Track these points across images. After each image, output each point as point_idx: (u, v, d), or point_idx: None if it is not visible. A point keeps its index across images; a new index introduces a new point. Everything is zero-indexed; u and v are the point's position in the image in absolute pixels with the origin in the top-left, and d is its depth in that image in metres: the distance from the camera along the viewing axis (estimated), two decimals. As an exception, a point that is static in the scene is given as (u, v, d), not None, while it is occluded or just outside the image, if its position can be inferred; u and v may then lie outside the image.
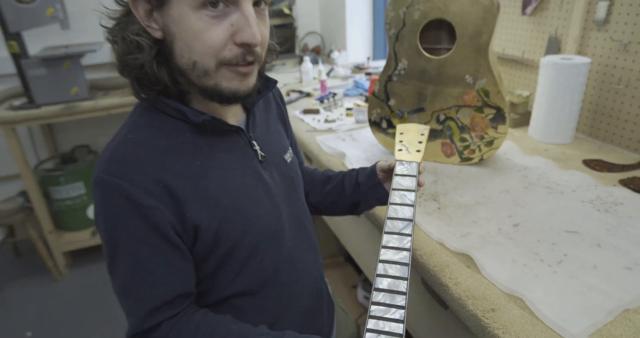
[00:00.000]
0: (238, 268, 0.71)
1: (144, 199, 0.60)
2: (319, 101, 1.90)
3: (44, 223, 2.31)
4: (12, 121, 2.07)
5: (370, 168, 0.88)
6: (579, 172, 1.12)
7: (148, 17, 0.60)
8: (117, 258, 0.63)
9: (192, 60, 0.60)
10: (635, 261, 0.78)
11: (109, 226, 0.62)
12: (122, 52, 0.62)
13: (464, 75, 1.13)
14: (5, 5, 1.90)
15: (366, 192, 0.87)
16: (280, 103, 0.89)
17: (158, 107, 0.66)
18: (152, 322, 0.63)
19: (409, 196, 0.71)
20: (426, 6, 1.11)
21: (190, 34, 0.58)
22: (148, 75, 0.62)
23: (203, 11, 0.57)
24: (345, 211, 0.96)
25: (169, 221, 0.62)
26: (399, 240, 0.64)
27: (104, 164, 0.61)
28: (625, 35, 1.21)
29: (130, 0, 0.59)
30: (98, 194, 0.61)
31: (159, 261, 0.63)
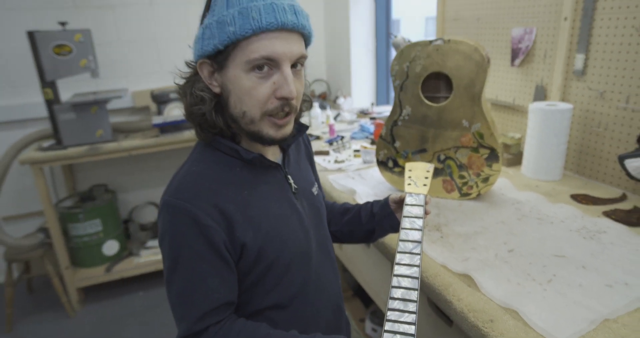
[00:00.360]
0: (273, 283, 0.82)
1: (204, 220, 0.73)
2: (328, 143, 2.06)
3: (62, 259, 2.40)
4: (42, 160, 2.22)
5: (383, 200, 1.02)
6: (567, 205, 1.25)
7: (210, 77, 0.77)
8: (177, 270, 0.74)
9: (242, 110, 0.75)
10: (616, 280, 0.89)
11: (174, 242, 0.74)
12: (190, 103, 0.78)
13: (461, 120, 1.29)
14: (45, 57, 2.10)
15: (381, 221, 1.00)
16: (308, 145, 1.04)
17: (214, 145, 0.81)
18: (201, 326, 0.74)
19: (418, 222, 0.84)
20: (427, 61, 1.28)
21: (242, 91, 0.74)
22: (208, 121, 0.78)
23: (252, 73, 0.73)
24: (361, 239, 1.08)
25: (222, 239, 0.74)
26: (410, 258, 0.76)
27: (173, 191, 0.75)
28: (600, 85, 1.37)
29: (198, 64, 0.76)
30: (166, 215, 0.74)
31: (211, 273, 0.75)
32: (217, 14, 0.72)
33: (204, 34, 0.74)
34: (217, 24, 0.71)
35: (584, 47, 1.40)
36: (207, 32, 0.73)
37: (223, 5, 0.72)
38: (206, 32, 0.73)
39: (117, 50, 2.69)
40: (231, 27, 0.70)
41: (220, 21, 0.71)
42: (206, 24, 0.74)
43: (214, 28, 0.72)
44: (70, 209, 2.48)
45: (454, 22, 2.00)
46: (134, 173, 2.93)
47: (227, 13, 0.71)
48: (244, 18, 0.69)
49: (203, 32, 0.74)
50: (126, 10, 2.65)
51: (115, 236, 2.63)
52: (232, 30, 0.70)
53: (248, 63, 0.72)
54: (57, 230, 2.35)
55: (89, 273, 2.54)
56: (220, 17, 0.71)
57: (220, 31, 0.71)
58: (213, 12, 0.74)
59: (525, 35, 1.61)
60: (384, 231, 1.01)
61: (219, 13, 0.72)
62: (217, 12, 0.73)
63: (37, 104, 2.54)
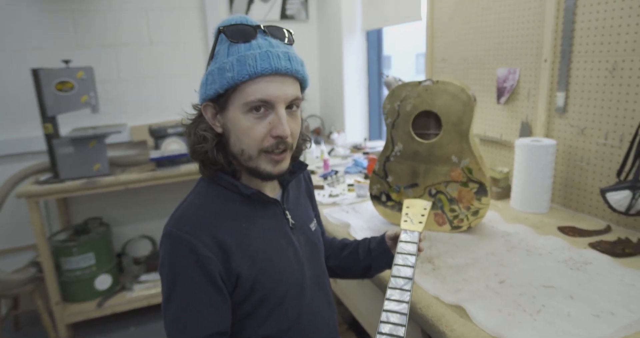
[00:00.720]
0: (267, 314, 0.85)
1: (202, 250, 0.77)
2: (322, 178, 2.10)
3: (52, 294, 2.37)
4: (38, 194, 2.24)
5: (380, 237, 1.05)
6: (554, 237, 1.29)
7: (213, 118, 0.83)
8: (173, 297, 0.78)
9: (241, 148, 0.81)
10: (602, 309, 0.92)
11: (172, 270, 0.78)
12: (193, 142, 0.84)
13: (450, 155, 1.34)
14: (47, 93, 2.17)
15: (377, 257, 1.03)
16: (309, 182, 1.09)
17: (216, 181, 0.86)
18: None
19: (410, 258, 0.87)
20: (417, 100, 1.36)
21: (240, 130, 0.80)
22: (210, 159, 0.83)
23: (249, 114, 0.79)
24: (358, 275, 1.11)
25: (218, 270, 0.78)
26: (400, 294, 0.79)
27: (175, 222, 0.80)
28: (581, 122, 1.45)
29: (202, 106, 0.83)
30: (167, 245, 0.78)
31: (206, 301, 0.78)
32: (219, 61, 0.80)
33: (207, 79, 0.81)
34: (218, 71, 0.79)
35: (564, 86, 1.48)
36: (209, 78, 0.80)
37: (224, 54, 0.79)
38: (209, 78, 0.81)
39: (118, 86, 2.77)
40: (230, 73, 0.77)
41: (221, 68, 0.78)
42: (209, 70, 0.81)
43: (215, 74, 0.79)
44: (63, 242, 2.48)
45: (442, 62, 2.10)
46: (129, 206, 2.94)
47: (227, 60, 0.78)
48: (241, 65, 0.76)
49: (206, 77, 0.81)
50: (127, 49, 2.75)
51: (108, 270, 2.61)
52: (231, 76, 0.77)
53: (245, 105, 0.78)
54: (49, 264, 2.33)
55: (79, 308, 2.50)
56: (221, 64, 0.79)
57: (221, 77, 0.78)
58: (216, 60, 0.81)
59: (510, 75, 1.71)
60: (380, 268, 1.04)
61: (220, 61, 0.79)
62: (218, 60, 0.80)
63: (35, 138, 2.58)
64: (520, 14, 1.62)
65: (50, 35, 2.57)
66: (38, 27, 2.54)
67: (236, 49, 0.78)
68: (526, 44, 1.62)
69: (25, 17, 2.50)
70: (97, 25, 2.66)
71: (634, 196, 1.18)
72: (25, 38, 2.53)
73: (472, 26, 1.87)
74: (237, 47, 0.78)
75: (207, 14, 2.86)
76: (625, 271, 1.07)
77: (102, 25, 2.66)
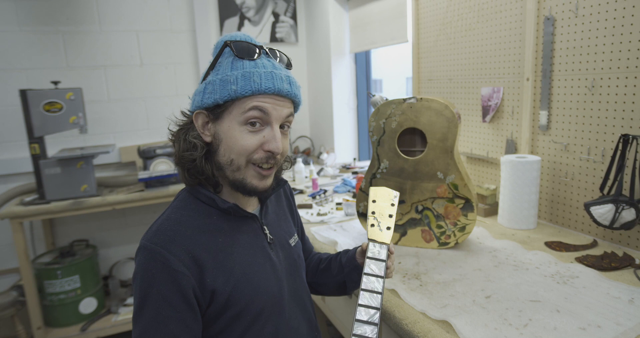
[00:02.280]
0: (243, 331, 0.83)
1: (176, 265, 0.76)
2: (311, 197, 2.10)
3: (34, 318, 2.31)
4: (23, 215, 2.20)
5: (351, 251, 1.04)
6: (541, 252, 1.29)
7: (204, 126, 0.84)
8: (143, 310, 0.76)
9: (230, 158, 0.82)
10: (589, 322, 0.91)
11: (144, 283, 0.76)
12: (182, 149, 0.84)
13: (436, 172, 1.35)
14: (35, 113, 2.16)
15: (349, 273, 1.02)
16: (290, 198, 1.09)
17: (194, 195, 0.86)
18: None
19: (377, 284, 0.79)
20: (401, 118, 1.37)
21: (233, 139, 0.81)
22: (196, 167, 0.83)
23: (244, 126, 0.81)
24: (334, 291, 1.09)
25: (191, 286, 0.77)
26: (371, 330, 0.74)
27: (151, 235, 0.79)
28: (563, 139, 1.47)
29: (194, 114, 0.83)
30: (141, 258, 0.77)
31: (175, 318, 0.76)
32: (222, 73, 0.81)
33: (206, 88, 0.82)
34: (220, 82, 0.80)
35: (546, 104, 1.51)
36: (209, 88, 0.81)
37: (228, 67, 0.81)
38: (208, 88, 0.81)
39: (107, 107, 2.78)
40: (233, 86, 0.79)
41: (224, 80, 0.80)
42: (209, 80, 0.82)
43: (216, 85, 0.80)
44: (48, 265, 2.42)
45: (428, 82, 2.14)
46: (116, 228, 2.91)
47: (231, 74, 0.80)
48: (246, 80, 0.79)
49: (205, 87, 0.82)
50: (117, 70, 2.77)
51: (93, 293, 2.55)
52: (234, 89, 0.79)
53: (243, 117, 0.80)
54: (32, 287, 2.28)
55: (62, 333, 2.43)
56: (224, 76, 0.80)
57: (223, 88, 0.79)
58: (217, 71, 0.82)
59: (494, 93, 1.74)
60: (355, 284, 1.03)
61: (223, 73, 0.81)
62: (221, 72, 0.81)
63: (21, 159, 2.56)
64: (502, 34, 1.67)
65: (41, 57, 2.59)
66: (29, 49, 2.56)
67: (241, 65, 0.81)
68: (509, 64, 1.65)
69: (16, 39, 2.52)
70: (88, 47, 2.68)
71: (617, 209, 1.19)
72: (16, 59, 2.54)
73: (456, 47, 1.91)
74: (242, 63, 0.81)
75: (197, 36, 2.91)
76: (612, 285, 1.07)
77: (92, 46, 2.69)
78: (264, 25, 3.13)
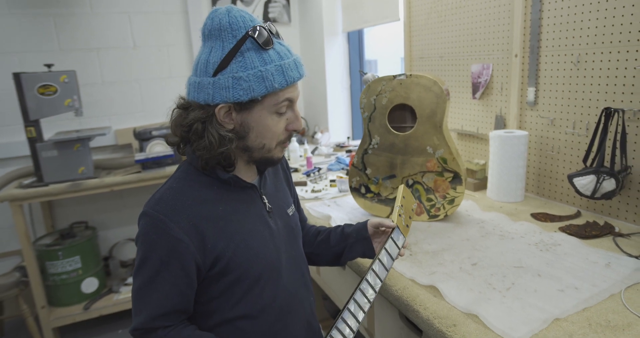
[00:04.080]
0: (242, 294, 0.89)
1: (176, 233, 0.81)
2: (305, 175, 2.14)
3: (38, 298, 2.36)
4: (22, 198, 2.23)
5: (360, 224, 1.07)
6: (527, 222, 1.34)
7: (226, 116, 0.84)
8: (142, 270, 0.83)
9: (262, 143, 0.88)
10: (567, 285, 0.97)
11: (145, 245, 0.82)
12: (211, 145, 0.83)
13: (426, 147, 1.39)
14: (29, 97, 2.17)
15: (353, 244, 1.05)
16: (287, 170, 1.13)
17: (195, 166, 0.89)
18: (151, 325, 0.83)
19: (389, 263, 0.93)
20: (391, 94, 1.40)
21: (265, 127, 0.86)
22: (225, 157, 0.85)
23: (274, 114, 0.86)
24: (329, 262, 1.14)
25: (190, 253, 0.82)
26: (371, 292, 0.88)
27: (153, 203, 0.84)
28: (550, 114, 1.51)
29: (218, 108, 0.82)
30: (144, 223, 0.83)
31: (170, 281, 0.83)
32: (253, 68, 0.81)
33: (238, 84, 0.80)
34: (256, 78, 0.81)
35: (534, 80, 1.55)
36: (243, 84, 0.80)
37: (257, 60, 0.81)
38: (241, 84, 0.80)
39: (101, 90, 2.78)
40: (271, 82, 0.82)
41: (259, 76, 0.81)
42: (240, 76, 0.80)
43: (252, 81, 0.81)
44: (49, 246, 2.47)
45: (420, 60, 2.16)
46: (114, 210, 2.95)
47: (266, 69, 0.81)
48: (280, 74, 0.83)
49: (233, 82, 0.80)
50: (110, 52, 2.77)
51: (94, 273, 2.60)
52: (271, 85, 0.82)
53: (276, 106, 0.85)
54: (34, 267, 2.33)
55: (66, 311, 2.49)
56: (258, 72, 0.81)
57: (260, 84, 0.81)
58: (244, 64, 0.81)
59: (484, 70, 1.77)
60: (353, 256, 1.07)
61: (255, 67, 0.81)
62: (249, 66, 0.81)
63: (17, 143, 2.58)
64: (491, 11, 1.69)
65: (33, 40, 2.58)
66: (20, 32, 2.54)
67: (268, 57, 0.82)
68: (498, 40, 1.68)
69: (7, 22, 2.51)
70: (80, 30, 2.67)
71: (598, 180, 1.24)
72: (8, 42, 2.53)
73: (447, 24, 1.93)
74: (268, 54, 0.82)
75: (190, 17, 2.90)
76: (591, 251, 1.13)
77: (85, 29, 2.68)
78: (256, 5, 3.11)
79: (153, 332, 0.84)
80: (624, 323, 0.84)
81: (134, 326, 0.84)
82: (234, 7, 0.84)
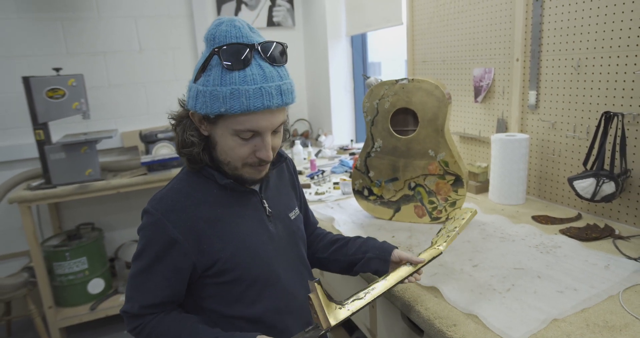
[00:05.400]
0: (239, 294, 0.91)
1: (172, 232, 0.85)
2: (309, 178, 2.16)
3: (45, 298, 2.40)
4: (31, 199, 2.27)
5: (387, 244, 1.05)
6: (528, 225, 1.36)
7: (200, 122, 0.87)
8: (139, 259, 0.89)
9: (227, 160, 0.89)
10: (566, 286, 0.99)
11: (144, 240, 0.88)
12: (180, 145, 0.90)
13: (427, 150, 1.41)
14: (38, 100, 2.21)
15: (371, 260, 1.04)
16: (293, 174, 1.13)
17: (197, 169, 0.92)
18: (141, 312, 0.89)
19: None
20: (394, 98, 1.43)
21: (227, 147, 0.86)
22: (195, 158, 0.90)
23: (236, 137, 0.84)
24: (342, 269, 1.13)
25: (183, 252, 0.86)
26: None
27: (154, 202, 0.88)
28: (551, 117, 1.53)
29: (190, 113, 0.87)
30: (145, 220, 0.88)
31: (163, 275, 0.88)
32: (211, 86, 0.80)
33: (198, 97, 0.82)
34: (210, 96, 0.80)
35: (535, 84, 1.56)
36: (200, 98, 0.81)
37: (217, 79, 0.80)
38: (200, 97, 0.81)
39: (108, 93, 2.82)
40: (222, 104, 0.79)
41: (213, 95, 0.79)
42: (200, 90, 0.81)
43: (207, 98, 0.80)
44: (56, 247, 2.50)
45: (422, 64, 2.19)
46: (120, 211, 2.98)
47: (220, 90, 0.79)
48: (235, 99, 0.78)
49: (197, 94, 0.82)
50: (117, 56, 2.81)
51: (101, 274, 2.64)
52: (223, 108, 0.80)
53: (234, 131, 0.83)
54: (42, 268, 2.36)
55: (72, 312, 2.53)
56: (213, 90, 0.79)
57: (212, 104, 0.80)
58: (207, 80, 0.81)
59: (485, 74, 1.79)
60: (366, 269, 1.05)
61: (213, 86, 0.80)
62: (210, 84, 0.80)
63: (25, 145, 2.62)
64: (492, 16, 1.71)
65: (41, 44, 2.62)
66: (29, 36, 2.59)
67: (229, 79, 0.79)
68: (499, 45, 1.70)
69: (16, 26, 2.56)
70: (87, 34, 2.71)
71: (598, 183, 1.25)
72: (16, 46, 2.58)
73: (449, 29, 1.95)
74: (230, 76, 0.79)
75: (195, 21, 2.93)
76: (590, 253, 1.14)
77: (91, 33, 2.72)
78: (260, 9, 3.14)
79: (142, 317, 0.90)
80: (621, 323, 0.85)
81: (124, 309, 0.91)
82: (235, 20, 0.82)
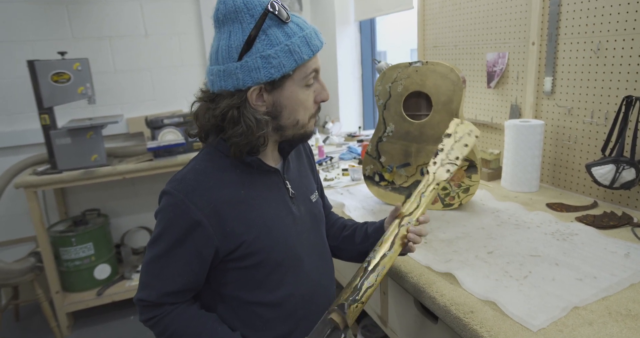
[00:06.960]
0: (261, 279, 0.89)
1: (195, 214, 0.81)
2: (318, 164, 2.14)
3: (52, 283, 2.40)
4: (36, 184, 2.26)
5: (378, 223, 1.05)
6: (542, 212, 1.33)
7: (258, 99, 0.83)
8: (156, 244, 0.84)
9: (296, 119, 0.87)
10: (585, 274, 0.96)
11: (163, 223, 0.83)
12: (249, 131, 0.82)
13: (441, 135, 1.37)
14: (43, 84, 2.18)
15: (374, 244, 1.00)
16: (310, 156, 1.11)
17: (219, 149, 0.88)
18: (159, 300, 0.84)
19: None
20: (407, 81, 1.39)
21: (297, 102, 0.85)
22: (263, 140, 0.85)
23: (304, 87, 0.86)
24: (355, 258, 1.11)
25: (207, 235, 0.82)
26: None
27: (175, 183, 0.84)
28: (567, 103, 1.49)
29: (249, 92, 0.81)
30: (165, 201, 0.83)
31: (183, 260, 0.83)
32: (280, 43, 0.79)
33: (266, 62, 0.79)
34: (284, 53, 0.80)
35: (551, 68, 1.52)
36: (271, 61, 0.79)
37: (282, 36, 0.80)
38: (270, 61, 0.79)
39: (113, 78, 2.79)
40: (298, 55, 0.81)
41: (288, 50, 0.80)
42: (268, 54, 0.79)
43: (281, 57, 0.79)
44: (62, 233, 2.50)
45: (434, 49, 2.14)
46: (126, 197, 2.97)
47: (292, 42, 0.80)
48: (305, 45, 0.82)
49: (262, 61, 0.79)
50: (122, 40, 2.77)
51: (107, 260, 2.64)
52: (299, 59, 0.81)
53: (305, 79, 0.84)
54: (48, 253, 2.36)
55: (79, 297, 2.53)
56: (283, 46, 0.79)
57: (289, 58, 0.80)
58: (270, 41, 0.79)
59: (499, 59, 1.74)
60: None
61: (281, 42, 0.79)
62: (275, 42, 0.79)
63: (31, 130, 2.60)
64: (508, -2, 1.66)
65: (46, 28, 2.59)
66: (34, 20, 2.55)
67: (290, 30, 0.81)
68: (514, 28, 1.65)
69: (21, 10, 2.52)
70: (93, 18, 2.67)
71: (618, 169, 1.22)
72: (21, 30, 2.54)
73: (462, 12, 1.90)
74: (289, 28, 0.81)
75: (201, 5, 2.89)
76: (609, 241, 1.12)
77: (97, 17, 2.68)
78: (267, -6, 3.09)
79: (159, 307, 0.85)
80: (644, 312, 0.83)
81: (140, 297, 0.85)
82: None
